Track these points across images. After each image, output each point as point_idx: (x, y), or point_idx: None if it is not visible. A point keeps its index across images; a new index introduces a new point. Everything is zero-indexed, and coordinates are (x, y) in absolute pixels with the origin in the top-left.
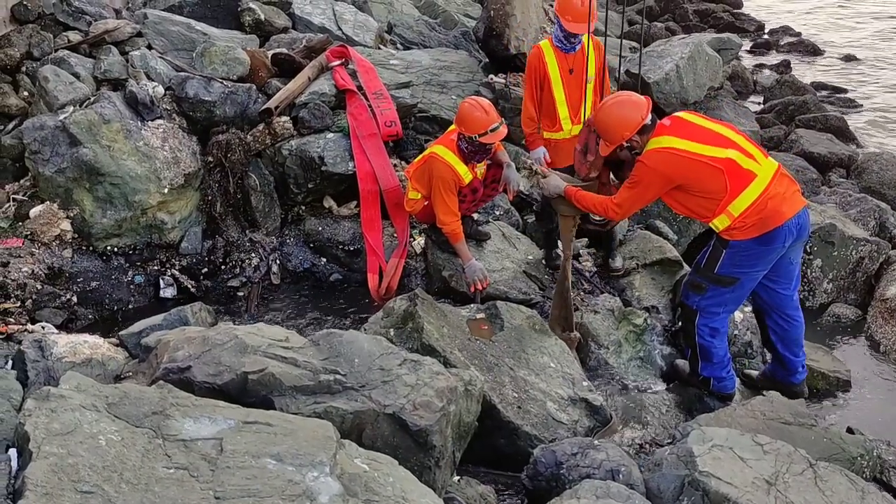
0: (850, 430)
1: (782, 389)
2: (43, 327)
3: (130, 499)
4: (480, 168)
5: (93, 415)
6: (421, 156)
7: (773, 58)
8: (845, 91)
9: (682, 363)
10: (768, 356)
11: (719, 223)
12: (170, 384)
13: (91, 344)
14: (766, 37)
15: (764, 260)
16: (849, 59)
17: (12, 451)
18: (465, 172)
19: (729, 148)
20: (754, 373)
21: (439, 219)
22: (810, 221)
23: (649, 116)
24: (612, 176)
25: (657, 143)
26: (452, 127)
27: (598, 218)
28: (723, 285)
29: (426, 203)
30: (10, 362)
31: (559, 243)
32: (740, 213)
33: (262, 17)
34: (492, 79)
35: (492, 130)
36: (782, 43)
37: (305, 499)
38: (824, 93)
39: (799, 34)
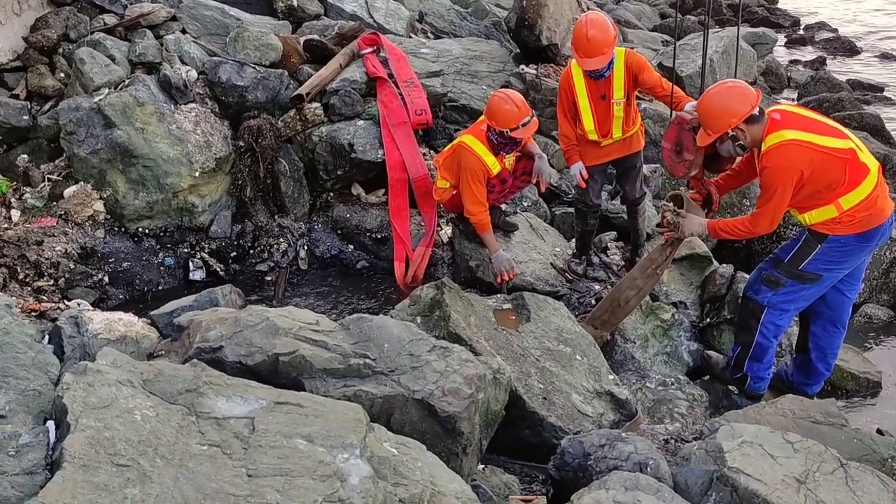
0: (880, 432)
1: (792, 394)
2: (79, 304)
3: (165, 473)
4: (509, 159)
5: (128, 390)
6: (450, 145)
7: (809, 54)
8: (882, 89)
9: (716, 355)
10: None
11: (819, 215)
12: (202, 363)
13: (126, 322)
14: (801, 32)
15: (855, 258)
16: (886, 57)
17: (50, 424)
18: (493, 163)
19: (846, 139)
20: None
21: (467, 209)
22: None
23: (758, 107)
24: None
25: (779, 138)
26: (482, 117)
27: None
28: (803, 281)
29: (454, 192)
30: (47, 337)
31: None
32: (851, 207)
33: (295, 3)
34: (523, 69)
35: (523, 125)
36: (818, 39)
37: (336, 479)
38: (860, 91)
39: (835, 30)
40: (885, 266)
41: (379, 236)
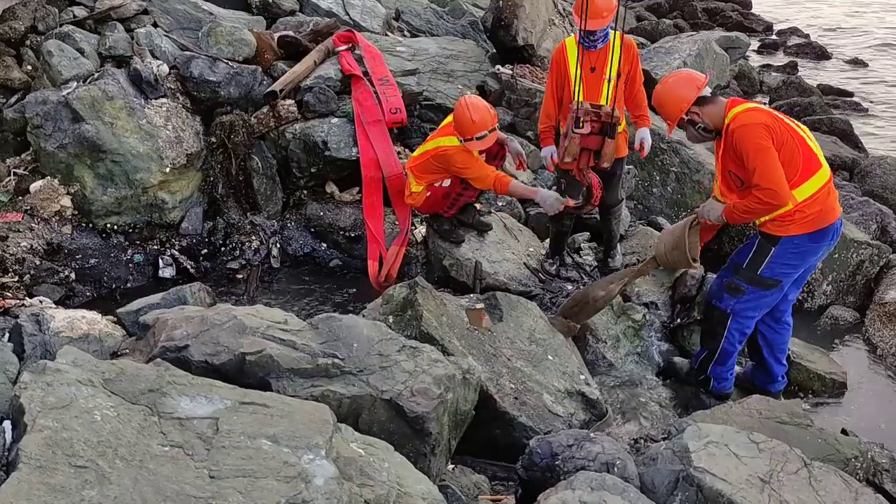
0: (844, 432)
1: (759, 394)
2: (41, 301)
3: (124, 475)
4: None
5: (89, 390)
6: (423, 150)
7: (781, 58)
8: (851, 94)
9: (680, 361)
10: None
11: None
12: (167, 362)
13: (89, 320)
14: (774, 37)
15: (808, 259)
16: (856, 62)
17: (7, 424)
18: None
19: (799, 128)
20: (738, 369)
21: (485, 185)
22: None
23: (707, 88)
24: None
25: (742, 108)
26: (449, 117)
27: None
28: (765, 287)
29: (428, 195)
30: (7, 335)
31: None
32: (804, 199)
33: None
34: (498, 69)
35: (477, 138)
36: (790, 44)
37: (300, 481)
38: (830, 96)
39: (807, 36)
40: (852, 268)
41: (352, 235)
